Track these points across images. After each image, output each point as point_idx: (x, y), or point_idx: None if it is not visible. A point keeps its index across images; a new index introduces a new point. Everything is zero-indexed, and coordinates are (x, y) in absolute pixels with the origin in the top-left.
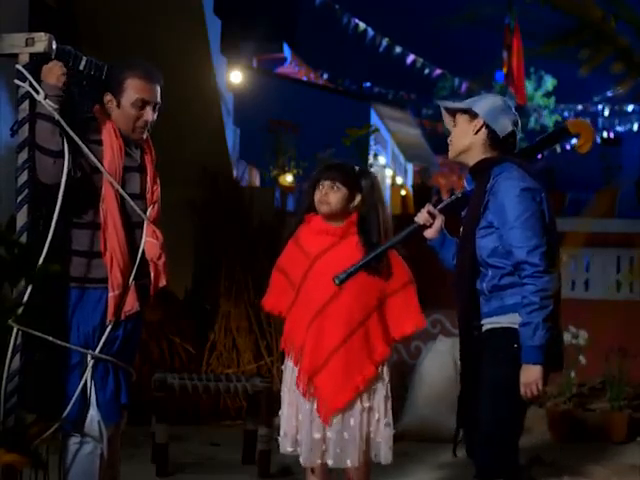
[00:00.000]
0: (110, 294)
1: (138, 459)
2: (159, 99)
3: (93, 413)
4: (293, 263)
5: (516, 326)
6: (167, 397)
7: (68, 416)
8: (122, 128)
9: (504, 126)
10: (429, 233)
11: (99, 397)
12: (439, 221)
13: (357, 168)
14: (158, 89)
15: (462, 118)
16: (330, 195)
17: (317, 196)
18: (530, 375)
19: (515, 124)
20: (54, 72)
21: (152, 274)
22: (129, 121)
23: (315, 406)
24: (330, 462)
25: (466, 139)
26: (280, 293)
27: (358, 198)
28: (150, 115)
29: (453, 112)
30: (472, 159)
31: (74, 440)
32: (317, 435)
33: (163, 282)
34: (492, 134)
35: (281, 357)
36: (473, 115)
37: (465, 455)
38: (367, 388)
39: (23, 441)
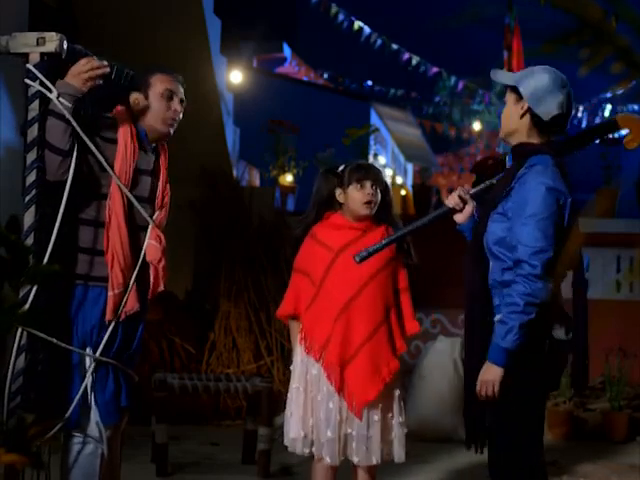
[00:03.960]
0: (110, 293)
1: (138, 459)
2: (184, 96)
3: (93, 414)
4: (313, 260)
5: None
6: (167, 397)
7: (70, 416)
8: (151, 121)
9: (548, 109)
10: (459, 217)
11: (98, 398)
12: (470, 206)
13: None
14: (181, 88)
15: (511, 97)
16: (376, 196)
17: (358, 195)
18: (489, 374)
19: (561, 106)
20: (82, 76)
21: (152, 278)
22: (159, 112)
23: (344, 402)
24: (356, 459)
25: (513, 123)
26: (299, 295)
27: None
28: (179, 106)
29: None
30: (518, 142)
31: (76, 440)
32: (349, 430)
33: (162, 287)
34: (536, 118)
35: (282, 357)
36: (519, 96)
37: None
38: (390, 382)
39: (23, 441)
